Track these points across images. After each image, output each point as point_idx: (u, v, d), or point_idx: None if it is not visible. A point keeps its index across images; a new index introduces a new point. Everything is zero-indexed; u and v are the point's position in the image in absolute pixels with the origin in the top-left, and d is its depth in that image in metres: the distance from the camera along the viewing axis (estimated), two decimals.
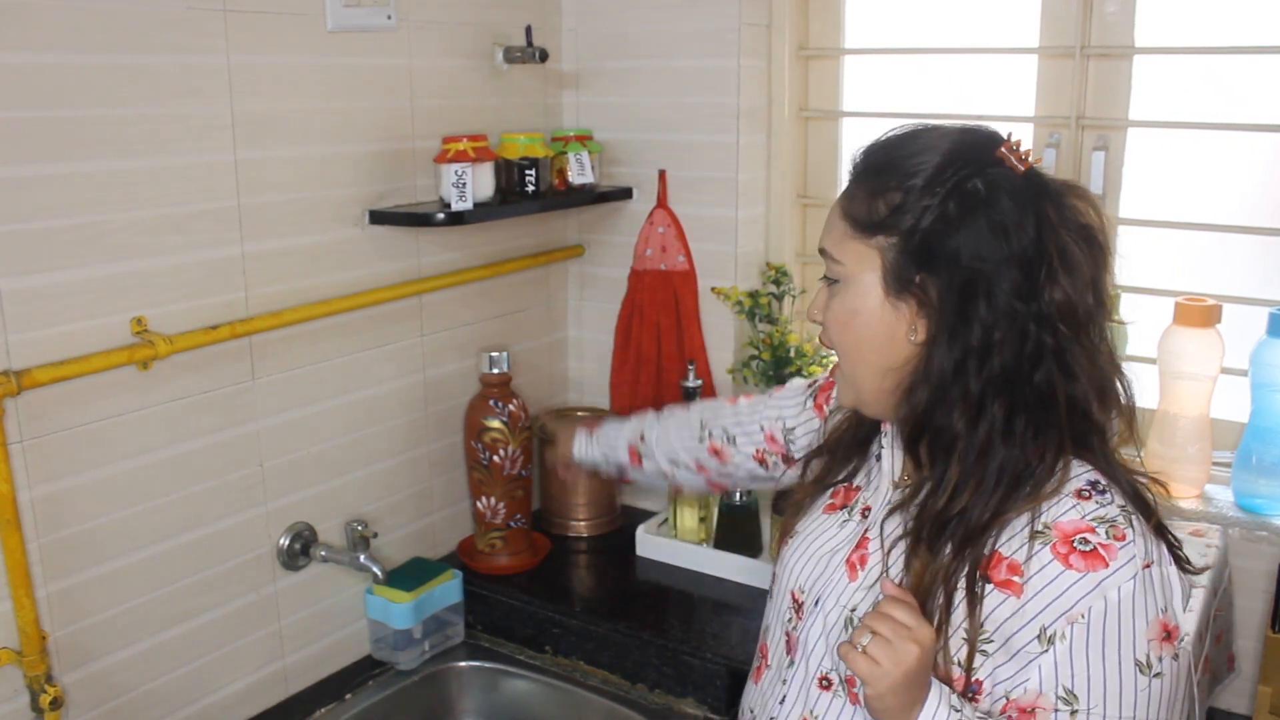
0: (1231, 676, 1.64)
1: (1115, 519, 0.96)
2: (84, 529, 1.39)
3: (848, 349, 1.06)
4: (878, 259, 1.00)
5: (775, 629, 1.19)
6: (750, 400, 1.48)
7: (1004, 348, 0.96)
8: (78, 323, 1.34)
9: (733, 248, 1.98)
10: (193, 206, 1.45)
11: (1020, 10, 1.79)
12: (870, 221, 1.00)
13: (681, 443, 1.51)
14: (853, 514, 1.14)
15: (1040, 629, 0.95)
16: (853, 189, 1.04)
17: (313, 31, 1.58)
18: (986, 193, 0.96)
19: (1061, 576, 0.94)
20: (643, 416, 1.60)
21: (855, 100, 2.03)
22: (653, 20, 1.96)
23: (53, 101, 1.29)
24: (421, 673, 1.76)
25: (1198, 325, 1.63)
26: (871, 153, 1.05)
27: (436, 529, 1.95)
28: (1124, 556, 0.94)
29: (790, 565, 1.16)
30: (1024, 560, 0.96)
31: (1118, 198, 1.78)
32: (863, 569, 1.08)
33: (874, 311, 1.01)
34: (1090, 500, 0.97)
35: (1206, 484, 1.69)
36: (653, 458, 1.55)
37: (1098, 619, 0.93)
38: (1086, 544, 0.94)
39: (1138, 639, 0.93)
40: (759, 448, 1.42)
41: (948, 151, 0.98)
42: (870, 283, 1.01)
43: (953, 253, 0.96)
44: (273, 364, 1.60)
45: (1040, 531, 0.96)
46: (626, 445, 1.59)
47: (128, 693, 1.48)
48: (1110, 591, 0.93)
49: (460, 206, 1.70)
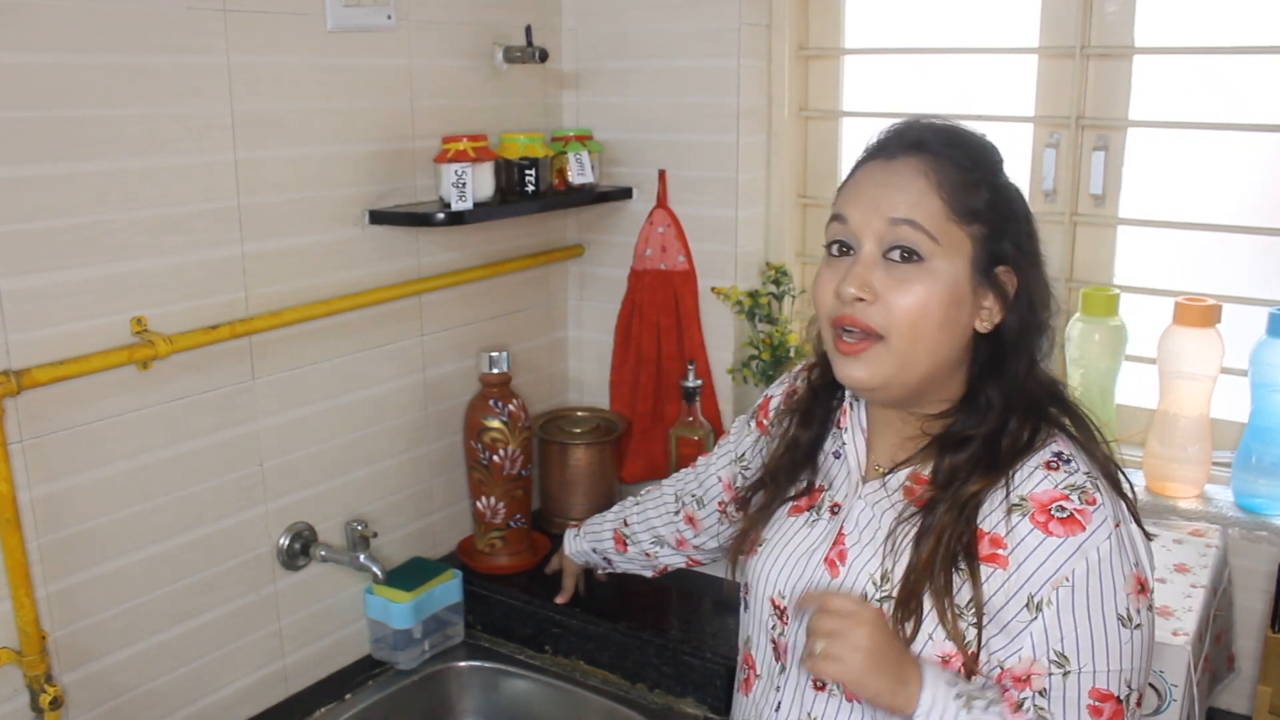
0: (1231, 676, 1.65)
1: (1084, 485, 1.01)
2: (84, 529, 1.39)
3: (912, 328, 1.01)
4: (969, 246, 1.02)
5: (759, 638, 1.19)
6: (705, 456, 1.49)
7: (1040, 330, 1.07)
8: (78, 323, 1.34)
9: (733, 248, 1.98)
10: (193, 206, 1.45)
11: (1020, 10, 1.79)
12: (970, 208, 1.02)
13: (661, 520, 1.55)
14: (821, 513, 1.15)
15: (1028, 597, 0.99)
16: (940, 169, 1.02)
17: (313, 31, 1.58)
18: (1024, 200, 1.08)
19: (1044, 544, 0.99)
20: (622, 505, 1.64)
21: (855, 100, 2.03)
22: (653, 20, 1.96)
23: (53, 101, 1.29)
24: (421, 672, 1.76)
25: (1198, 325, 1.63)
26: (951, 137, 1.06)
27: (436, 529, 1.95)
28: (1098, 518, 0.99)
29: (765, 573, 1.16)
30: (1005, 534, 1.01)
31: (1118, 198, 1.78)
32: (843, 564, 1.10)
33: (960, 298, 1.02)
34: (1059, 470, 1.02)
35: (1206, 484, 1.69)
36: (637, 541, 1.59)
37: (1081, 580, 0.98)
38: (1063, 510, 1.00)
39: (1118, 594, 0.98)
40: (720, 500, 1.43)
41: (998, 154, 1.08)
42: (961, 269, 1.02)
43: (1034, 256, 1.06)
44: (273, 364, 1.60)
45: (1017, 504, 1.01)
46: (612, 532, 1.63)
47: (127, 692, 1.48)
48: (1090, 553, 0.98)
49: (460, 206, 1.70)
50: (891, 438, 1.13)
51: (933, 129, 1.06)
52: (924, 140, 1.05)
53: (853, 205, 1.05)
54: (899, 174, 1.03)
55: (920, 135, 1.05)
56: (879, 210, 1.02)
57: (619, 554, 1.63)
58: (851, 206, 1.05)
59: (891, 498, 1.09)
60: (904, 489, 1.09)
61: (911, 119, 1.09)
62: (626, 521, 1.60)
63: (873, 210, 1.03)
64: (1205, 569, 1.50)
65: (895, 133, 1.08)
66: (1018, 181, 1.09)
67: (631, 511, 1.60)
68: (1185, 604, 1.41)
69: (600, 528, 1.66)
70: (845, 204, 1.06)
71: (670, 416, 2.05)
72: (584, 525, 1.70)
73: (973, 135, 1.08)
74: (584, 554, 1.69)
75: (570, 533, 1.72)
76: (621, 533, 1.61)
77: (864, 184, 1.05)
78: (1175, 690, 1.33)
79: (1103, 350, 1.71)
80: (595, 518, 1.69)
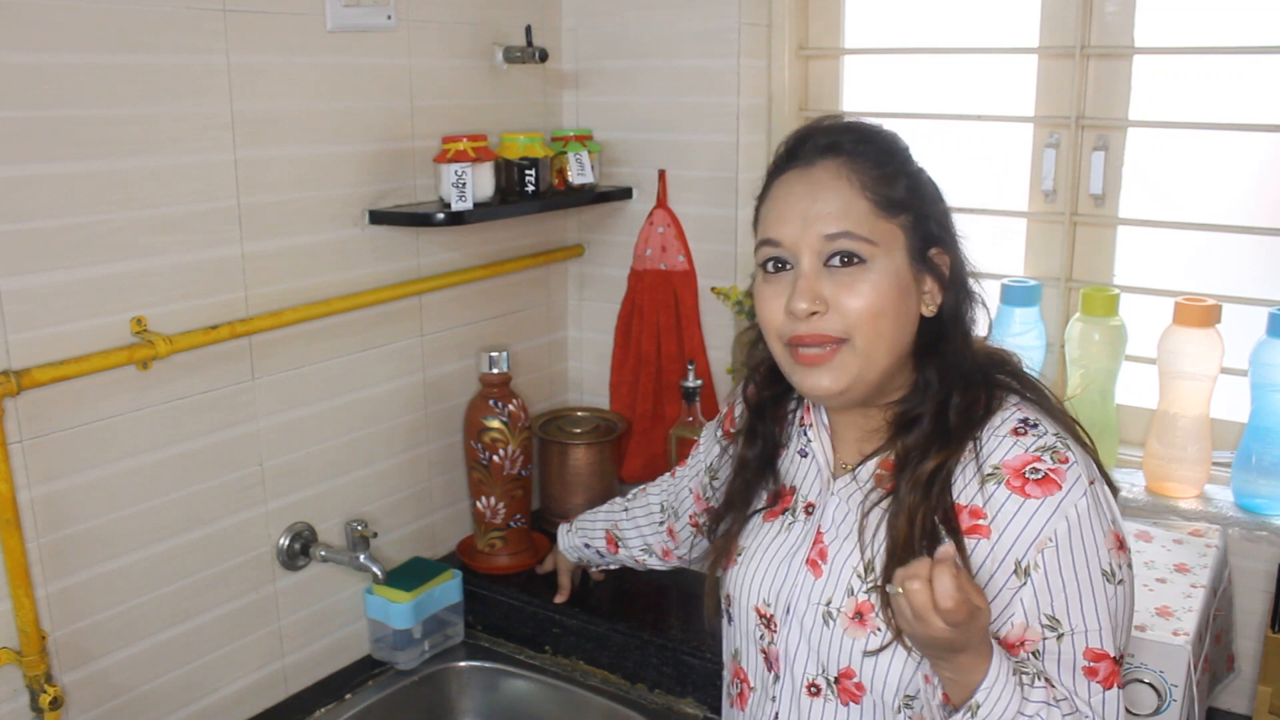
0: (1231, 676, 1.64)
1: (1055, 445, 1.02)
2: (84, 529, 1.39)
3: (870, 327, 1.02)
4: (902, 237, 1.04)
5: (748, 650, 1.18)
6: (681, 466, 1.49)
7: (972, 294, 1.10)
8: (78, 323, 1.34)
9: (733, 248, 1.98)
10: (193, 206, 1.45)
11: (1020, 10, 1.79)
12: (892, 201, 1.04)
13: (650, 529, 1.56)
14: (796, 514, 1.15)
15: (1015, 563, 0.99)
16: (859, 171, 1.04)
17: (312, 31, 1.58)
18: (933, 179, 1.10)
19: (1024, 507, 1.00)
20: (611, 506, 1.65)
21: (855, 100, 2.03)
22: (653, 20, 1.96)
23: (53, 101, 1.29)
24: (421, 673, 1.76)
25: (1198, 325, 1.63)
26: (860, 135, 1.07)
27: (436, 529, 1.95)
28: (1072, 476, 1.00)
29: (747, 583, 1.16)
30: (983, 504, 1.01)
31: (1118, 198, 1.78)
32: (825, 563, 1.09)
33: (905, 288, 1.04)
34: (1027, 435, 1.03)
35: (1206, 484, 1.69)
36: (628, 546, 1.60)
37: (1064, 539, 0.99)
38: (1037, 472, 1.00)
39: (1100, 551, 0.99)
40: (691, 513, 1.44)
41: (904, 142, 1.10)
42: (900, 260, 1.04)
43: (951, 229, 1.09)
44: (273, 364, 1.60)
45: (990, 474, 1.02)
46: (604, 533, 1.64)
47: (127, 693, 1.48)
48: (1069, 511, 0.99)
49: (460, 206, 1.70)
50: (855, 433, 1.13)
51: (840, 129, 1.08)
52: (836, 143, 1.06)
53: (782, 226, 1.05)
54: (820, 182, 1.04)
55: (831, 138, 1.06)
56: (810, 226, 1.03)
57: (610, 554, 1.64)
58: (781, 227, 1.05)
59: (864, 489, 1.09)
60: (875, 477, 1.09)
61: (813, 123, 1.10)
62: (618, 525, 1.61)
63: (803, 227, 1.03)
64: (1205, 569, 1.50)
65: (803, 138, 1.08)
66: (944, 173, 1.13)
67: (621, 518, 1.61)
68: (1185, 604, 1.41)
69: (593, 525, 1.66)
70: (774, 226, 1.06)
71: (670, 417, 2.05)
72: (576, 521, 1.71)
73: (877, 128, 1.10)
74: (577, 549, 1.70)
75: (563, 528, 1.73)
76: (614, 534, 1.62)
77: (787, 200, 1.06)
78: (1175, 690, 1.32)
79: (1103, 350, 1.71)
80: (587, 515, 1.70)
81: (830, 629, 1.07)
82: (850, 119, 1.11)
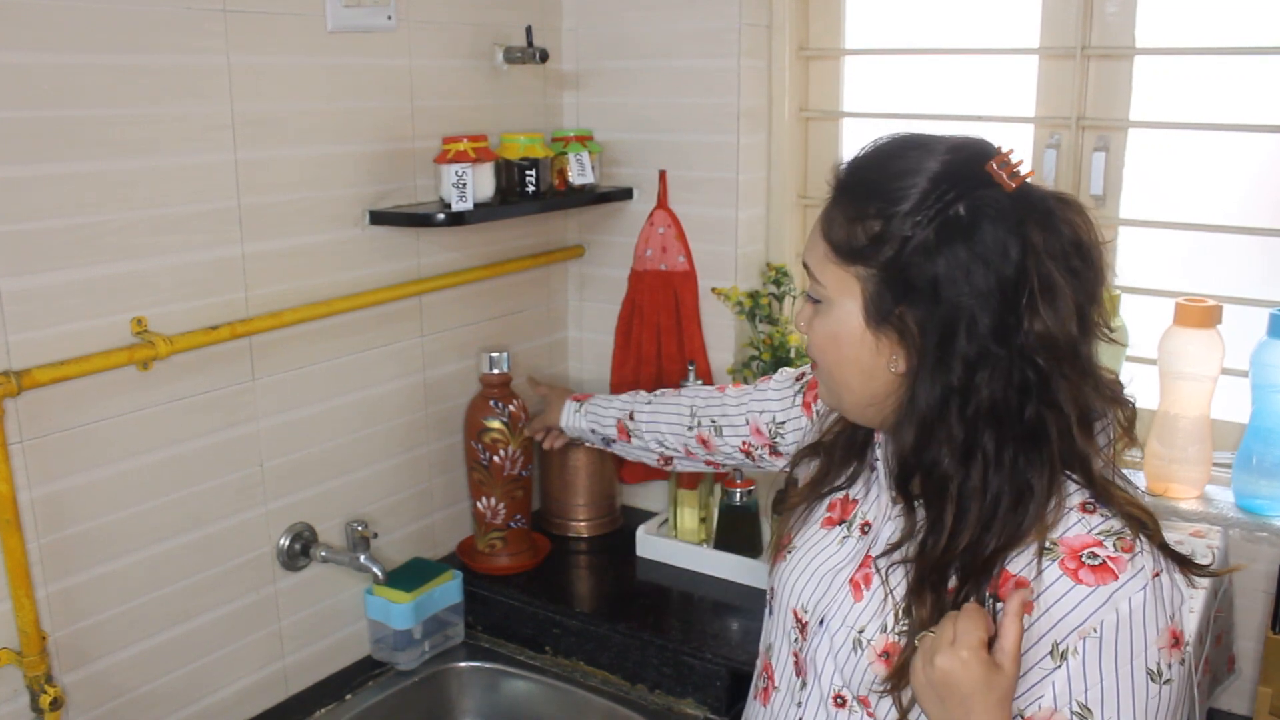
0: (1231, 678, 1.65)
1: (1122, 531, 0.95)
2: (84, 529, 1.39)
3: (830, 370, 1.04)
4: (858, 287, 0.98)
5: (781, 647, 1.16)
6: (738, 389, 1.48)
7: (990, 382, 0.93)
8: (78, 323, 1.34)
9: (733, 248, 1.98)
10: (193, 206, 1.45)
11: (1020, 11, 1.79)
12: (850, 249, 0.98)
13: (671, 429, 1.54)
14: (852, 529, 1.11)
15: (1053, 645, 0.94)
16: (833, 209, 1.01)
17: (313, 32, 1.57)
18: (969, 220, 0.93)
19: (1072, 592, 0.93)
20: (634, 394, 1.63)
21: (856, 101, 2.03)
22: (653, 20, 1.96)
23: (53, 101, 1.28)
24: (421, 673, 1.75)
25: (1198, 326, 1.63)
26: (855, 171, 1.01)
27: (436, 529, 1.95)
28: (1133, 568, 0.93)
29: (791, 583, 1.14)
30: (1033, 577, 0.95)
31: (1118, 198, 1.78)
32: (867, 589, 1.06)
33: (855, 339, 1.00)
34: (1095, 514, 0.96)
35: (1207, 485, 1.69)
36: (641, 437, 1.59)
37: (1110, 632, 0.92)
38: (1095, 558, 0.93)
39: (1149, 649, 0.93)
40: (745, 440, 1.43)
41: (934, 174, 0.95)
42: (851, 310, 0.99)
43: (932, 286, 0.93)
44: (273, 364, 1.60)
45: (1048, 548, 0.95)
46: (615, 421, 1.62)
47: (128, 693, 1.48)
48: (1122, 604, 0.92)
49: (460, 207, 1.70)
50: None
51: (848, 167, 1.03)
52: (840, 178, 1.03)
53: None
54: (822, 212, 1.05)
55: (841, 172, 1.03)
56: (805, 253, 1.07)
57: (623, 443, 1.62)
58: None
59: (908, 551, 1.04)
60: None
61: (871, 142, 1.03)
62: (633, 415, 1.58)
63: (805, 252, 1.07)
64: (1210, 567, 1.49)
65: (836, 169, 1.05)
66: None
67: (641, 408, 1.58)
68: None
69: (605, 411, 1.64)
70: None
71: None
72: (587, 402, 1.68)
73: (889, 163, 0.98)
74: (580, 431, 1.67)
75: (571, 405, 1.69)
76: (626, 425, 1.60)
77: None
78: None
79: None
80: (600, 398, 1.67)
81: (858, 656, 1.04)
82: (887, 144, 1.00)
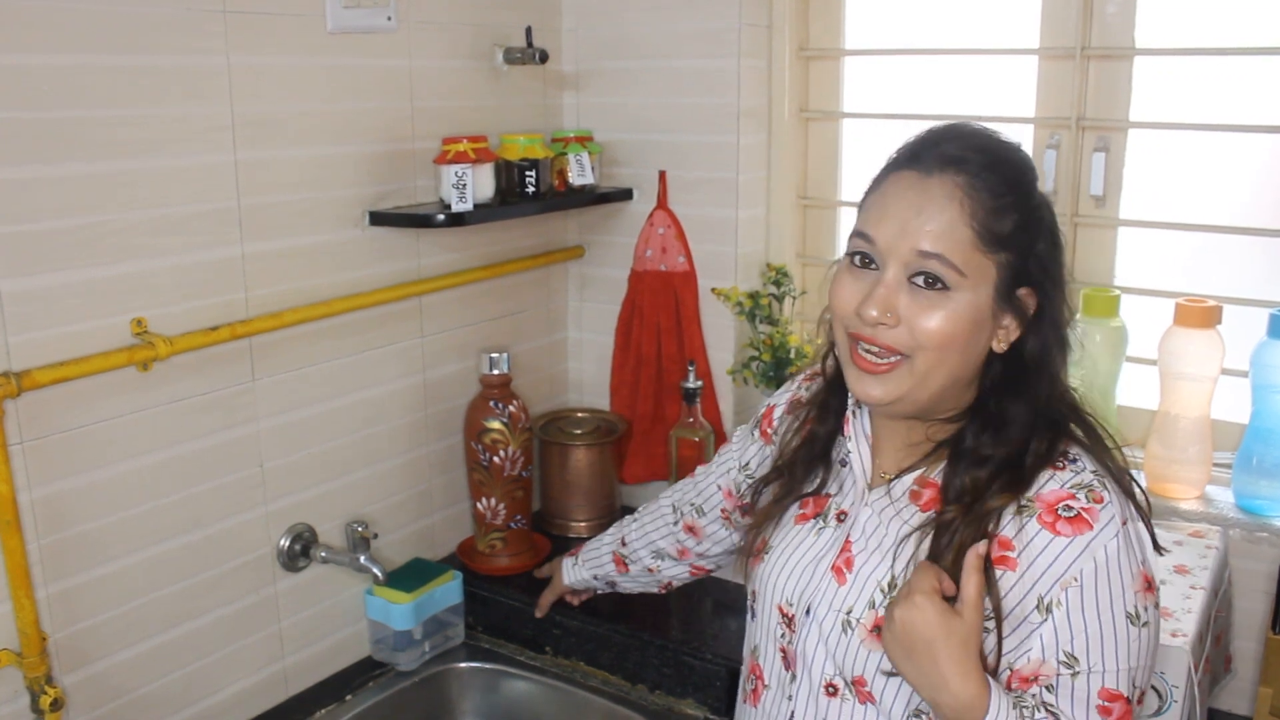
0: (1228, 677, 1.64)
1: (1091, 484, 1.01)
2: (84, 530, 1.39)
3: (935, 353, 1.01)
4: (994, 273, 1.01)
5: (767, 647, 1.18)
6: (704, 466, 1.48)
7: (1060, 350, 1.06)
8: (78, 324, 1.34)
9: (733, 248, 1.98)
10: (193, 207, 1.45)
11: (1020, 11, 1.79)
12: (999, 236, 1.00)
13: (659, 533, 1.54)
14: (828, 520, 1.14)
15: (1038, 599, 0.99)
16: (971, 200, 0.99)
17: (313, 32, 1.58)
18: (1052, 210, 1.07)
19: (1052, 544, 0.99)
20: (620, 524, 1.63)
21: (856, 101, 2.03)
22: (652, 20, 1.96)
23: (53, 101, 1.29)
24: (422, 674, 1.76)
25: (1198, 326, 1.63)
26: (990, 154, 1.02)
27: (436, 530, 1.95)
28: (1105, 517, 0.99)
29: (773, 580, 1.16)
30: (1013, 535, 1.01)
31: (1118, 199, 1.78)
32: (850, 572, 1.09)
33: (981, 322, 1.02)
34: (1065, 470, 1.02)
35: (1207, 485, 1.69)
36: (638, 559, 1.58)
37: (1089, 580, 0.98)
38: (1070, 509, 1.00)
39: (1126, 593, 0.98)
40: (722, 508, 1.43)
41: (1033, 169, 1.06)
42: (985, 295, 1.01)
43: (1043, 267, 1.04)
44: (273, 365, 1.60)
45: (1025, 505, 1.01)
46: (611, 555, 1.62)
47: (128, 694, 1.48)
48: (1098, 552, 0.98)
49: (460, 208, 1.70)
50: (897, 443, 1.12)
51: (974, 144, 1.02)
52: (963, 158, 1.00)
53: (880, 225, 1.01)
54: (932, 198, 0.99)
55: (959, 151, 1.01)
56: (907, 237, 0.99)
57: (621, 575, 1.62)
58: (879, 226, 1.01)
59: (897, 504, 1.09)
60: (910, 494, 1.09)
61: (948, 127, 1.05)
62: (625, 540, 1.59)
63: (900, 235, 1.00)
64: (1205, 570, 1.50)
65: (931, 142, 1.03)
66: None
67: (630, 529, 1.59)
68: (1185, 605, 1.41)
69: (599, 553, 1.64)
70: (873, 222, 1.02)
71: (671, 418, 2.04)
72: (581, 553, 1.68)
73: (1010, 152, 1.04)
74: (585, 582, 1.68)
75: (568, 561, 1.70)
76: (620, 554, 1.60)
77: (894, 202, 1.01)
78: (1176, 691, 1.32)
79: (1103, 351, 1.71)
80: (592, 543, 1.67)
81: (848, 637, 1.07)
82: (987, 131, 1.05)
